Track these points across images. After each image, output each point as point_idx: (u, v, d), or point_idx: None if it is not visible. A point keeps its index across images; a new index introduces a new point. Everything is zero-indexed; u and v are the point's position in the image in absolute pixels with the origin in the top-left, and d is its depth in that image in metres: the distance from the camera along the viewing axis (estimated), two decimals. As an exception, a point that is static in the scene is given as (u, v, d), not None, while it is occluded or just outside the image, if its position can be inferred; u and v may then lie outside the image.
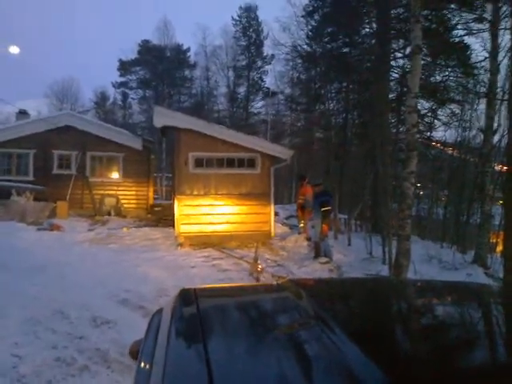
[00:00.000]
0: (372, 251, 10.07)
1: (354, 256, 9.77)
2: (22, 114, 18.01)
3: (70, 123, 15.13)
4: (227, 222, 10.63)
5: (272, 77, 38.69)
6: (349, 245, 11.06)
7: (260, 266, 7.73)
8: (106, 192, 15.12)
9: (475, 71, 16.03)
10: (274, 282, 2.35)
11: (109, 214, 14.40)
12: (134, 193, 15.83)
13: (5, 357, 3.63)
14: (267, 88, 38.31)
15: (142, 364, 1.32)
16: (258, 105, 39.99)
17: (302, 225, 11.58)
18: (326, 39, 25.81)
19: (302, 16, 27.23)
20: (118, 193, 15.25)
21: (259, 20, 39.97)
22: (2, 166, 14.77)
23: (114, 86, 44.18)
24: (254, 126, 37.16)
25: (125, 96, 44.83)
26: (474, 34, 14.80)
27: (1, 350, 3.74)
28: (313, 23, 27.15)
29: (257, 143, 11.22)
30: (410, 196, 7.15)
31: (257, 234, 10.47)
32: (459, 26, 15.69)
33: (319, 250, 9.23)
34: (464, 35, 15.93)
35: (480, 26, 14.10)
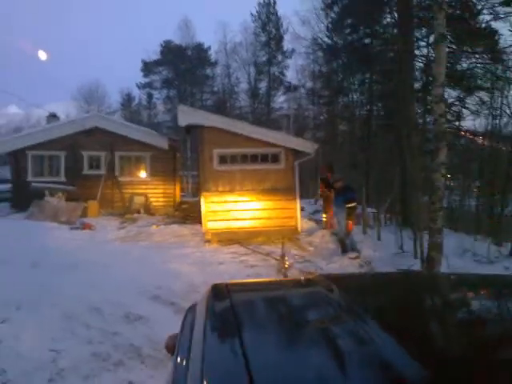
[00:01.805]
0: (403, 245, 9.87)
1: (384, 251, 9.61)
2: (52, 117, 18.45)
3: (98, 125, 15.39)
4: (253, 218, 10.65)
5: (293, 71, 38.59)
6: (378, 239, 10.90)
7: (287, 262, 7.73)
8: (135, 191, 15.33)
9: (504, 56, 15.57)
10: (306, 277, 2.36)
11: (138, 212, 14.60)
12: (161, 191, 16.02)
13: (44, 351, 3.74)
14: (288, 82, 38.17)
15: (179, 359, 1.34)
16: (279, 99, 39.98)
17: (324, 218, 11.55)
18: (347, 31, 25.57)
19: (322, 8, 27.06)
20: (147, 191, 15.46)
21: (278, 15, 39.86)
22: (35, 167, 15.13)
23: (138, 86, 44.85)
24: (277, 121, 37.10)
25: (149, 96, 45.39)
26: (502, 18, 14.35)
27: (40, 344, 3.86)
28: (333, 15, 26.97)
29: (280, 138, 11.20)
30: (440, 188, 6.99)
31: (283, 229, 10.46)
32: (485, 11, 15.27)
33: (345, 246, 9.17)
34: (490, 20, 15.48)
35: (507, 9, 13.70)
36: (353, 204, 9.18)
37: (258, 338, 1.33)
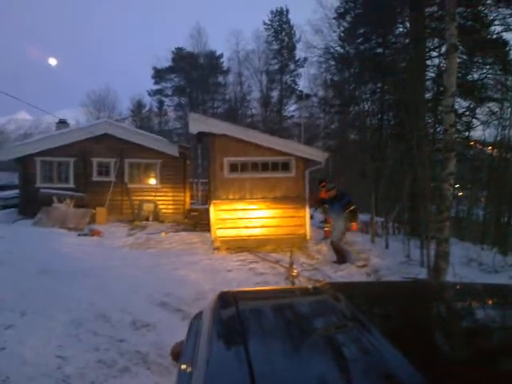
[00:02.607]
0: (410, 254, 9.85)
1: (391, 259, 9.58)
2: (62, 123, 18.57)
3: (107, 131, 15.48)
4: (262, 226, 10.65)
5: (305, 80, 38.86)
6: (386, 248, 10.87)
7: (296, 270, 7.71)
8: (145, 198, 15.40)
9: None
10: (312, 286, 2.35)
11: (147, 219, 14.66)
12: (171, 198, 16.07)
13: (50, 358, 3.75)
14: (300, 91, 38.26)
15: (184, 366, 1.35)
16: (291, 108, 40.13)
17: (326, 228, 11.55)
18: (359, 40, 25.57)
19: (334, 18, 27.08)
20: (156, 198, 15.51)
21: (291, 23, 40.18)
22: (44, 173, 15.23)
23: (149, 94, 45.14)
24: (288, 130, 37.19)
25: (160, 103, 45.66)
26: (513, 29, 14.41)
27: (46, 351, 3.87)
28: (345, 24, 26.97)
29: (291, 146, 11.21)
30: (448, 198, 6.96)
31: (292, 237, 10.45)
32: (496, 22, 15.31)
33: (344, 252, 9.19)
34: (502, 31, 15.51)
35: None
36: (353, 207, 9.22)
37: (264, 347, 1.33)
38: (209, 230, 11.06)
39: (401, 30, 20.46)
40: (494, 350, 1.22)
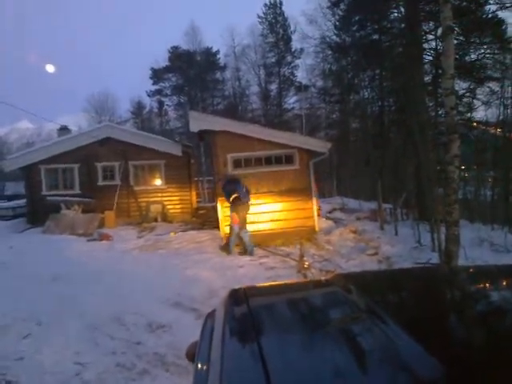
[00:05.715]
0: (420, 239, 9.82)
1: (402, 246, 9.56)
2: (64, 129, 18.54)
3: (110, 135, 15.45)
4: (270, 220, 10.65)
5: (303, 71, 38.53)
6: (396, 235, 10.85)
7: (307, 263, 7.73)
8: (151, 199, 15.40)
9: (512, 46, 15.56)
10: (323, 278, 2.35)
11: (155, 220, 14.68)
12: (177, 198, 16.06)
13: (68, 365, 3.78)
14: (299, 82, 38.13)
15: (199, 365, 1.36)
16: (290, 100, 39.97)
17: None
18: (355, 28, 25.49)
19: (328, 7, 27.01)
20: (163, 199, 15.52)
21: (285, 15, 39.98)
22: (50, 181, 15.20)
23: (148, 94, 45.07)
24: (289, 122, 37.08)
25: (160, 103, 45.61)
26: (508, 7, 14.29)
27: (64, 358, 3.90)
28: (339, 13, 26.90)
29: (293, 139, 11.18)
30: (455, 180, 6.93)
31: (301, 229, 10.45)
32: (491, 1, 15.24)
33: (228, 242, 9.40)
34: (497, 10, 15.44)
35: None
36: (235, 195, 9.27)
37: (276, 343, 1.33)
38: (217, 228, 11.07)
39: (396, 14, 20.32)
40: None
